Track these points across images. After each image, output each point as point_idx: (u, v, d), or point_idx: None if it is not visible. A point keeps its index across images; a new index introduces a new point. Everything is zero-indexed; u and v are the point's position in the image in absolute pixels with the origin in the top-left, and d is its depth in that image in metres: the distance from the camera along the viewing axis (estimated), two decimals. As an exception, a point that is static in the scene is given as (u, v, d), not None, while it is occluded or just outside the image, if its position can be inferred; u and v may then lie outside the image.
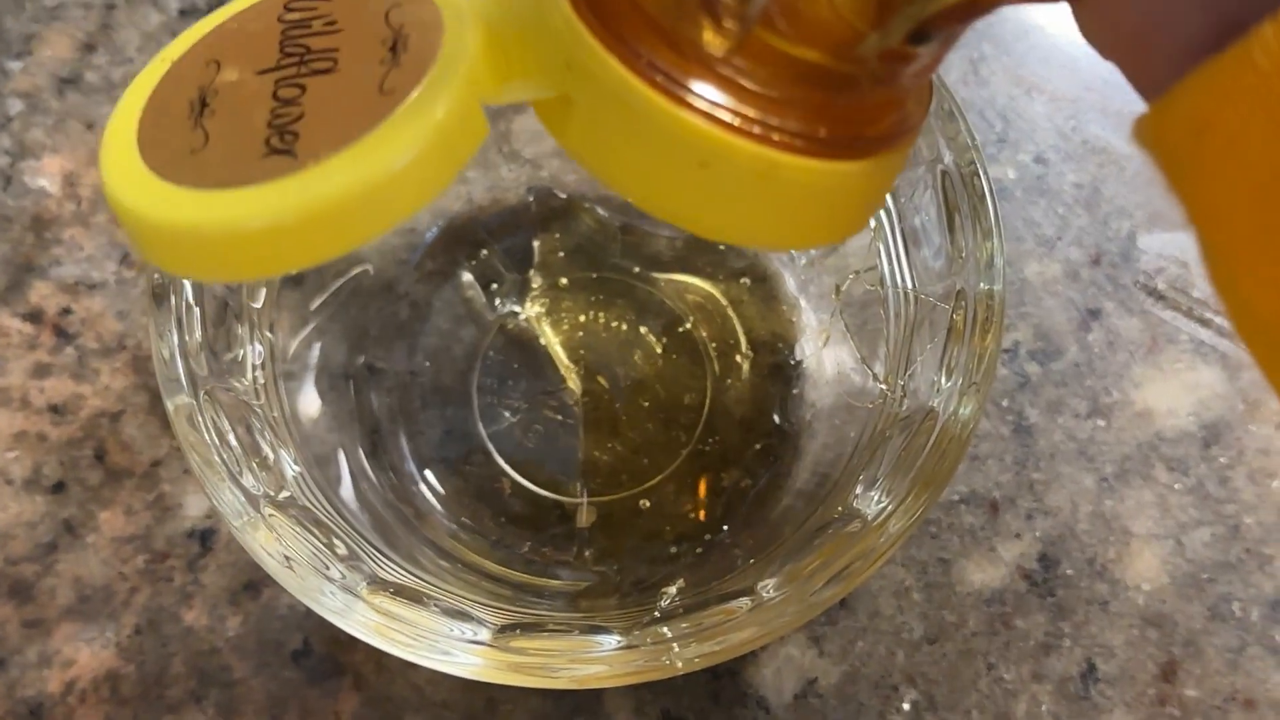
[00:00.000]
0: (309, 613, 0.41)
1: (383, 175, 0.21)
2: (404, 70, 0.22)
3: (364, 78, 0.22)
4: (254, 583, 0.41)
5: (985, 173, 0.35)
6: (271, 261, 0.22)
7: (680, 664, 0.31)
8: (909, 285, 0.37)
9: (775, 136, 0.23)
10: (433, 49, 0.23)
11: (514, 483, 0.42)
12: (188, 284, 0.34)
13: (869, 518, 0.33)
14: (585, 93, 0.23)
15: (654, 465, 0.42)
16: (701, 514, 0.42)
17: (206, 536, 0.42)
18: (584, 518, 0.42)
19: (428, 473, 0.42)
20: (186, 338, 0.34)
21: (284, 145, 0.21)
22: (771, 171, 0.24)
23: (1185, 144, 0.18)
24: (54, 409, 0.43)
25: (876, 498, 0.33)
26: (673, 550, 0.41)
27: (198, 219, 0.21)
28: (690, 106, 0.23)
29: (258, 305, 0.37)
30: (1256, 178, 0.17)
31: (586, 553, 0.41)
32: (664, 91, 0.23)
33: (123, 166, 0.22)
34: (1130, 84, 0.20)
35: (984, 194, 0.35)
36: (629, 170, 0.25)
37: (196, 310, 0.34)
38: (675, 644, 0.32)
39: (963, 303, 0.34)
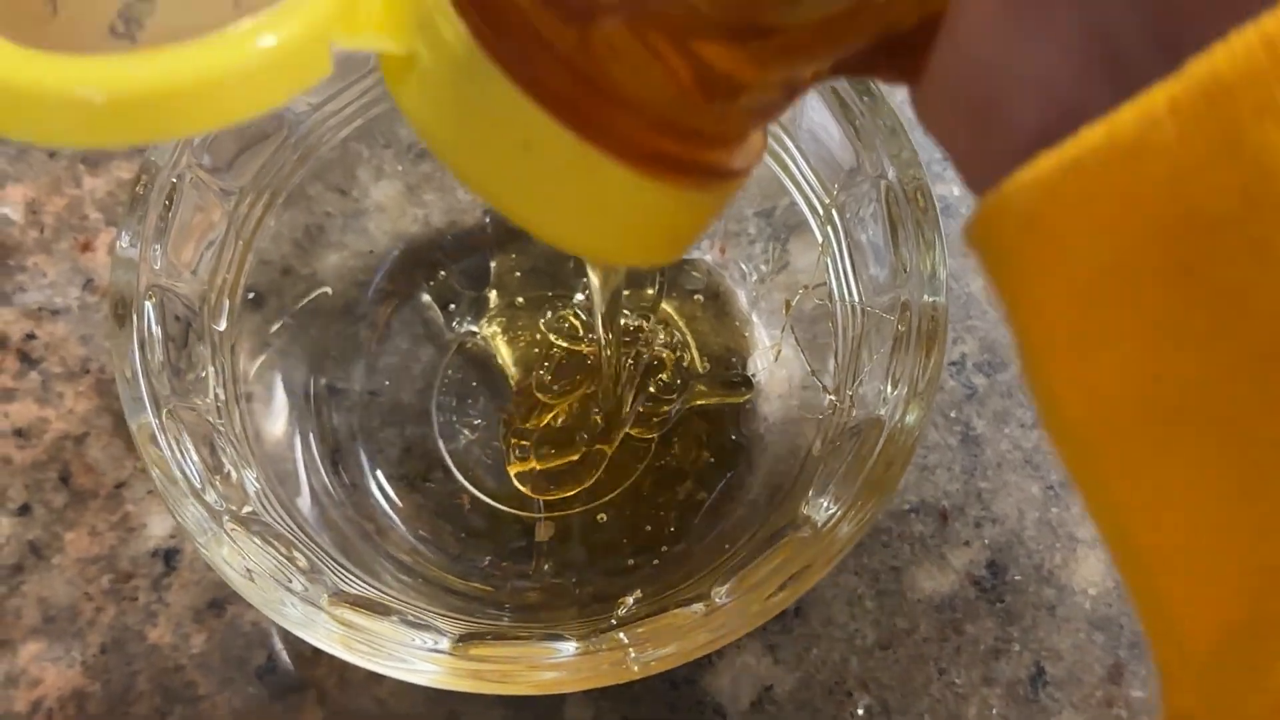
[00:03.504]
0: (273, 629, 0.41)
1: (208, 76, 0.21)
2: None
3: None
4: (218, 600, 0.42)
5: (928, 187, 0.36)
6: (82, 130, 0.21)
7: (637, 668, 0.32)
8: (856, 299, 0.38)
9: (604, 138, 0.24)
10: None
11: (473, 498, 0.43)
12: (149, 305, 0.35)
13: (819, 524, 0.34)
14: (430, 52, 0.24)
15: (611, 480, 0.43)
16: (658, 527, 0.42)
17: (171, 556, 0.42)
18: (542, 532, 0.43)
19: (388, 489, 0.43)
20: (149, 357, 0.34)
21: (126, 31, 0.22)
22: (592, 170, 0.24)
23: (1012, 238, 0.18)
24: (19, 433, 0.44)
25: (826, 504, 0.34)
26: (630, 562, 0.42)
27: (19, 73, 0.21)
28: (524, 82, 0.23)
29: (220, 327, 0.38)
30: (1077, 277, 0.17)
31: (545, 566, 0.42)
32: (502, 63, 0.23)
33: None
34: (964, 180, 0.21)
35: (927, 208, 0.36)
36: (455, 138, 0.25)
37: (158, 330, 0.35)
38: (631, 649, 0.32)
39: (907, 314, 0.35)
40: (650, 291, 0.45)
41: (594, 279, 0.37)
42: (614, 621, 0.34)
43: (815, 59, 0.24)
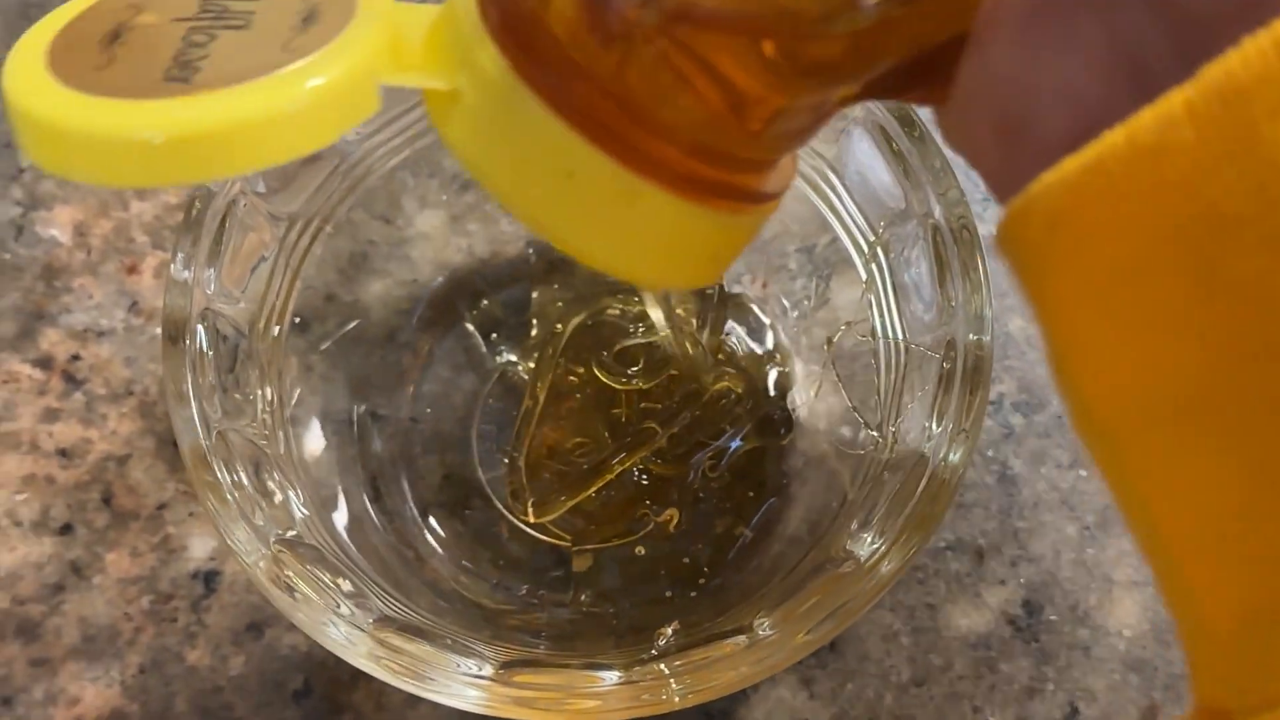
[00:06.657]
0: (310, 653, 0.42)
1: (260, 116, 0.22)
2: (309, 38, 0.24)
3: (271, 37, 0.24)
4: (256, 623, 0.42)
5: (974, 226, 0.36)
6: (141, 171, 0.23)
7: (678, 699, 0.32)
8: (900, 336, 0.39)
9: (643, 164, 0.25)
10: (340, 26, 0.24)
11: (512, 526, 0.43)
12: (201, 327, 0.35)
13: (862, 559, 0.34)
14: (474, 88, 0.25)
15: (649, 514, 0.43)
16: (695, 560, 0.43)
17: (211, 578, 0.43)
18: (580, 563, 0.43)
19: (429, 517, 0.43)
20: (200, 380, 0.35)
21: (181, 75, 0.23)
22: (633, 196, 0.25)
23: (1038, 238, 0.19)
24: (62, 453, 0.44)
25: (870, 539, 0.34)
26: (668, 594, 0.42)
27: (81, 119, 0.22)
28: (565, 112, 0.24)
29: (267, 352, 0.38)
30: (1100, 275, 0.18)
31: (583, 596, 0.42)
32: (543, 94, 0.24)
33: (25, 66, 0.23)
34: (994, 195, 0.21)
35: (973, 247, 0.36)
36: (500, 169, 0.26)
37: (210, 352, 0.35)
38: (672, 680, 0.33)
39: (953, 352, 0.36)
40: (704, 333, 0.45)
41: (646, 298, 0.38)
42: (654, 652, 0.34)
43: (844, 80, 0.24)
